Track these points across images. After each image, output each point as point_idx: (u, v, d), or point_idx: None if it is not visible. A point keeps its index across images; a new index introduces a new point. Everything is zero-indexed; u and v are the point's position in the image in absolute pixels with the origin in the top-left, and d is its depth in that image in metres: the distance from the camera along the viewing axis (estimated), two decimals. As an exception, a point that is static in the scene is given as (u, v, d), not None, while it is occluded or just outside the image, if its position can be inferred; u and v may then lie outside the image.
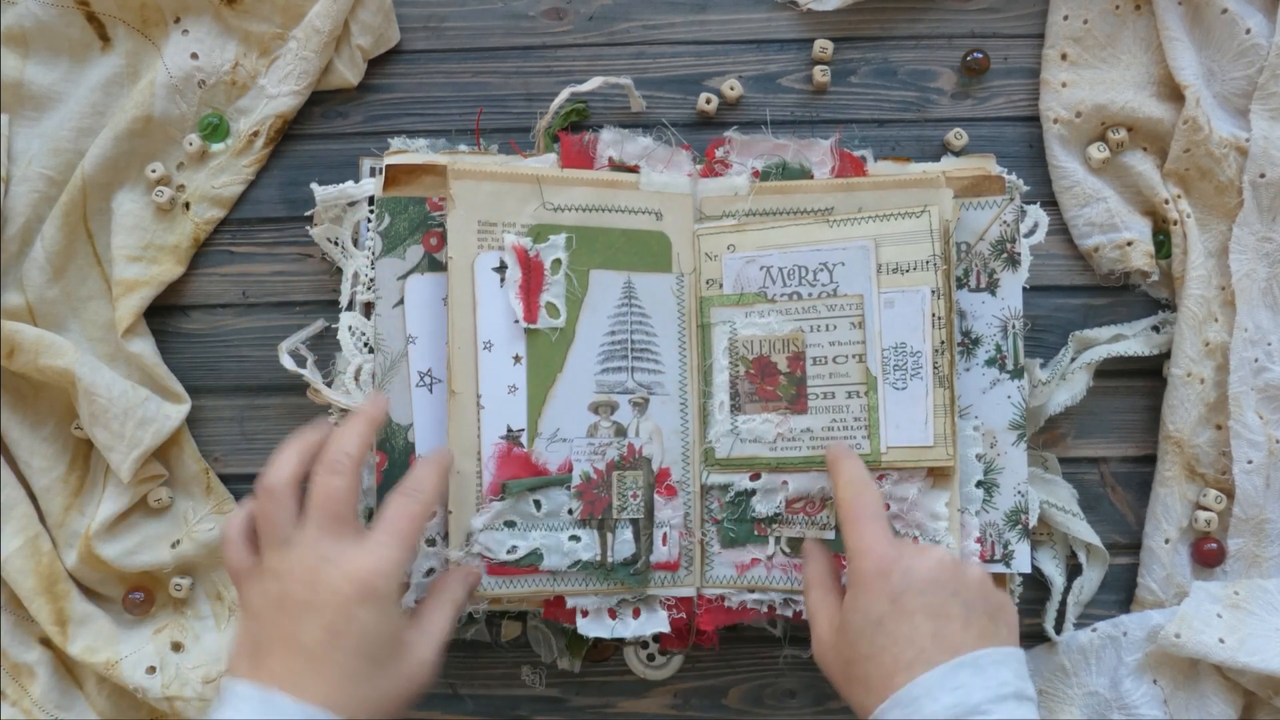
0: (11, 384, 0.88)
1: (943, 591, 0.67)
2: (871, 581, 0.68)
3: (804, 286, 0.82)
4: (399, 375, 0.82)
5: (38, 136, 0.88)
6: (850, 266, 0.81)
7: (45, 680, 0.86)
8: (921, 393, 0.79)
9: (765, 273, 0.83)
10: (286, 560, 0.67)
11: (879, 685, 0.65)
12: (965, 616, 0.67)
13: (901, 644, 0.65)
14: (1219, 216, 0.88)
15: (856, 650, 0.67)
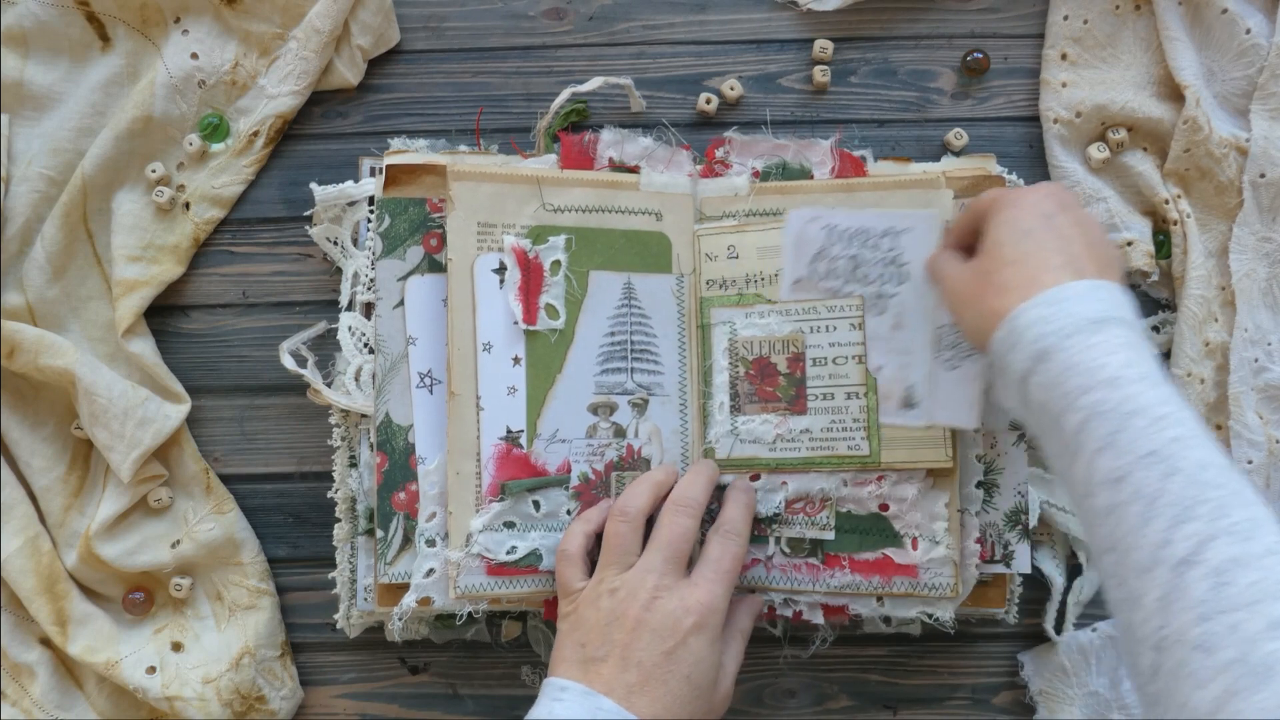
0: (11, 384, 0.88)
1: (1096, 228, 0.70)
2: (1025, 199, 0.70)
3: (867, 249, 0.80)
4: (399, 376, 0.82)
5: (38, 136, 0.88)
6: (917, 234, 0.79)
7: (45, 680, 0.86)
8: (972, 374, 0.78)
9: (827, 232, 0.81)
10: (628, 582, 0.72)
11: (1022, 285, 0.65)
12: (1109, 252, 0.69)
13: (1050, 250, 0.67)
14: (1219, 216, 0.88)
15: (999, 258, 0.68)
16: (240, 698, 0.86)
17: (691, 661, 0.69)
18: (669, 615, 0.70)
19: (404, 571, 0.82)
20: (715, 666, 0.72)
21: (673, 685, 0.69)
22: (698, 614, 0.70)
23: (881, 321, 0.80)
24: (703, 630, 0.70)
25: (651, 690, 0.68)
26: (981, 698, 0.89)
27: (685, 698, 0.69)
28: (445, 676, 0.90)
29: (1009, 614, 0.86)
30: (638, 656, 0.69)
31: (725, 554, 0.75)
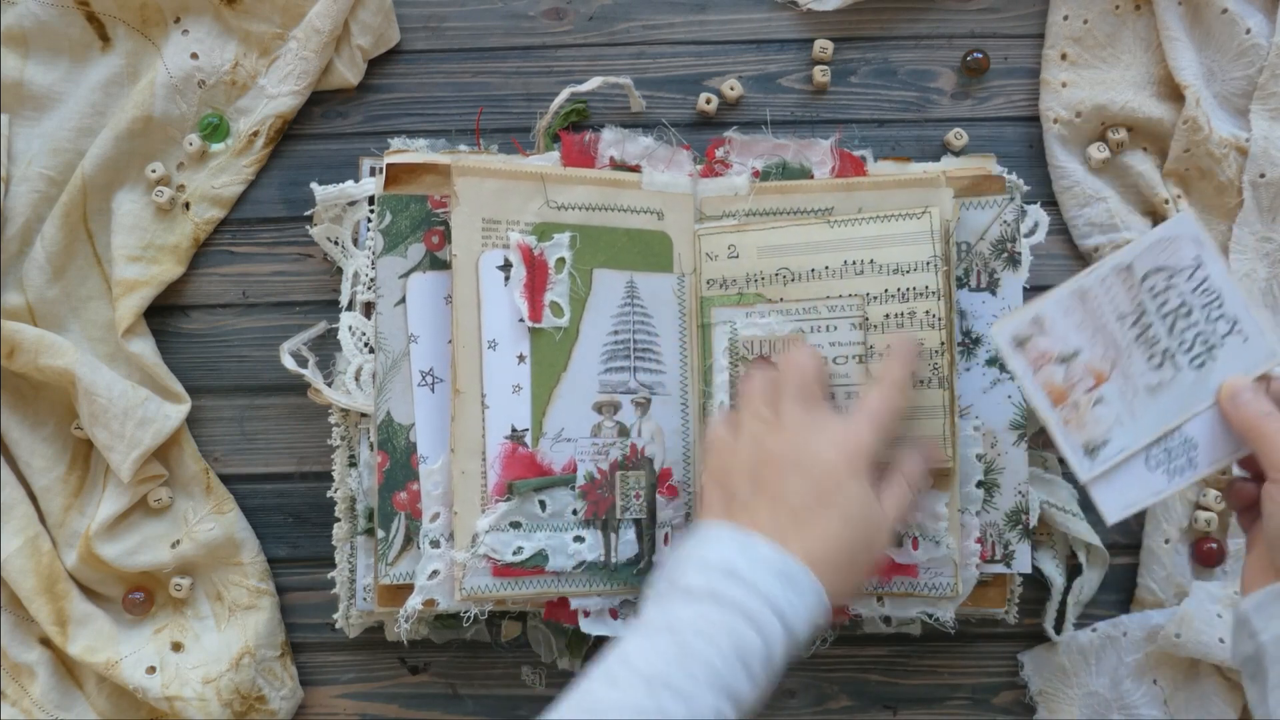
0: (11, 384, 0.88)
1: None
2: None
3: (1199, 312, 0.71)
4: (400, 375, 0.82)
5: (38, 136, 0.88)
6: (1247, 347, 0.71)
7: (45, 680, 0.86)
8: (1157, 489, 0.72)
9: (1192, 267, 0.71)
10: (770, 427, 0.71)
11: None
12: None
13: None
14: (1219, 216, 0.88)
15: None
16: (240, 698, 0.86)
17: (844, 501, 0.67)
18: (815, 454, 0.68)
19: (405, 572, 0.82)
20: (869, 506, 0.68)
21: (825, 524, 0.66)
22: (849, 454, 0.68)
23: (1146, 373, 0.72)
24: (855, 471, 0.68)
25: (804, 528, 0.66)
26: (981, 698, 0.89)
27: (841, 538, 0.66)
28: (445, 676, 0.90)
29: (1009, 614, 0.86)
30: (788, 497, 0.67)
31: (882, 404, 0.72)
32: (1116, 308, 0.71)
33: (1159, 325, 0.71)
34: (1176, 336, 0.71)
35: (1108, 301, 0.71)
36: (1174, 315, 0.71)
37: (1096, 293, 0.71)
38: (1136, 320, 0.71)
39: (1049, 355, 0.72)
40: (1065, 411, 0.72)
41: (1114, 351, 0.71)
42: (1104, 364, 0.72)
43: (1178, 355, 0.71)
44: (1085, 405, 0.72)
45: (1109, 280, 0.71)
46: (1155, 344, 0.71)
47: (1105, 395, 0.72)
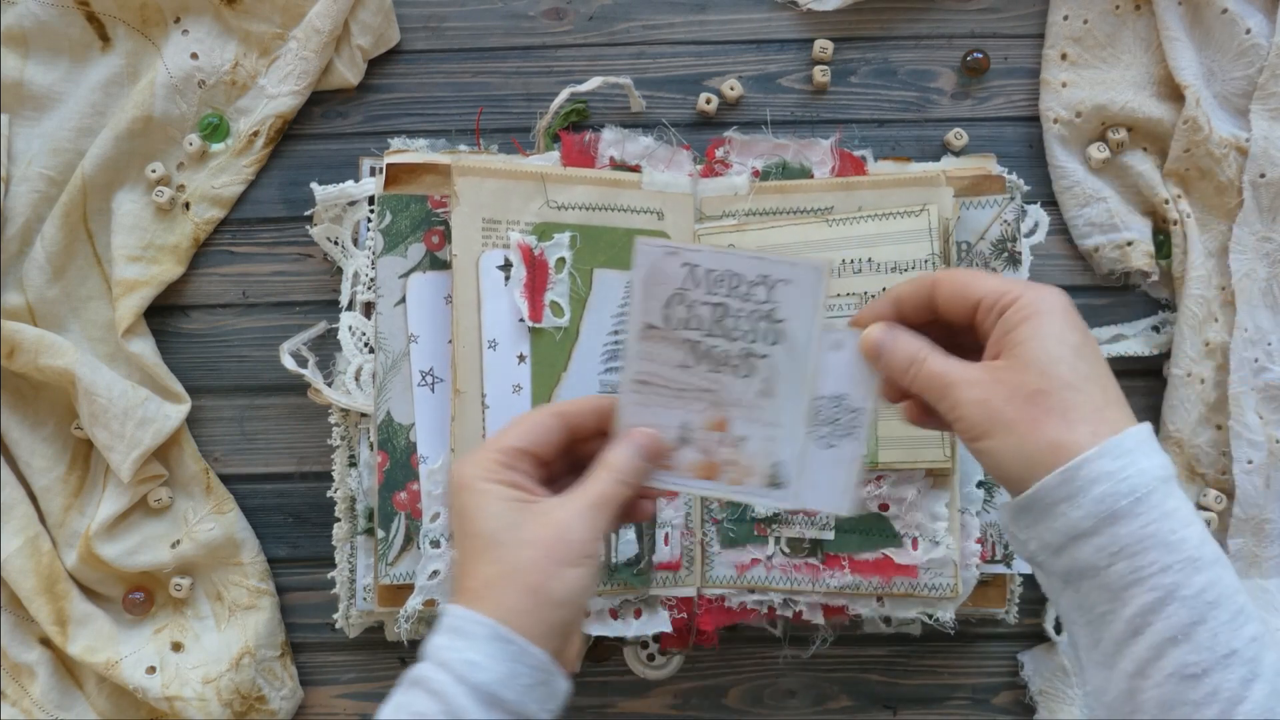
0: (11, 384, 0.88)
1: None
2: (1062, 310, 0.58)
3: (735, 298, 0.65)
4: (400, 374, 0.82)
5: (38, 136, 0.88)
6: (797, 288, 0.64)
7: (45, 680, 0.86)
8: (850, 456, 0.65)
9: (689, 271, 0.65)
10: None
11: (1090, 417, 0.56)
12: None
13: (1105, 378, 0.58)
14: (1219, 216, 0.88)
15: (1053, 377, 0.56)
16: (240, 698, 0.86)
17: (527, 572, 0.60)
18: (512, 547, 0.61)
19: (406, 572, 0.82)
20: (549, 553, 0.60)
21: (487, 571, 0.60)
22: (544, 546, 0.60)
23: (747, 385, 0.66)
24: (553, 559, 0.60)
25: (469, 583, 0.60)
26: (981, 698, 0.89)
27: (514, 574, 0.60)
28: (445, 677, 0.90)
29: (1009, 614, 0.86)
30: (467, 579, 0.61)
31: (600, 493, 0.63)
32: (671, 361, 0.65)
33: (717, 342, 0.65)
34: (737, 336, 0.65)
35: (661, 364, 0.65)
36: (716, 323, 0.65)
37: (646, 368, 0.65)
38: (699, 355, 0.65)
39: (668, 448, 0.66)
40: (728, 475, 0.66)
41: (708, 395, 0.65)
42: (713, 412, 0.66)
43: (754, 348, 0.65)
44: (734, 455, 0.66)
45: (644, 348, 0.65)
46: (729, 358, 0.65)
47: (739, 433, 0.66)
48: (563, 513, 0.61)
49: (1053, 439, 0.56)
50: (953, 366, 0.60)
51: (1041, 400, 0.57)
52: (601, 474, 0.63)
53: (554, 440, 0.64)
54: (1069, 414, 0.56)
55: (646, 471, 0.65)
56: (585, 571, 0.60)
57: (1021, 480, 0.57)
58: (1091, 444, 0.55)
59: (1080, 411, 0.56)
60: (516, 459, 0.63)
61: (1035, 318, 0.58)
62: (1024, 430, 0.57)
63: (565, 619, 0.59)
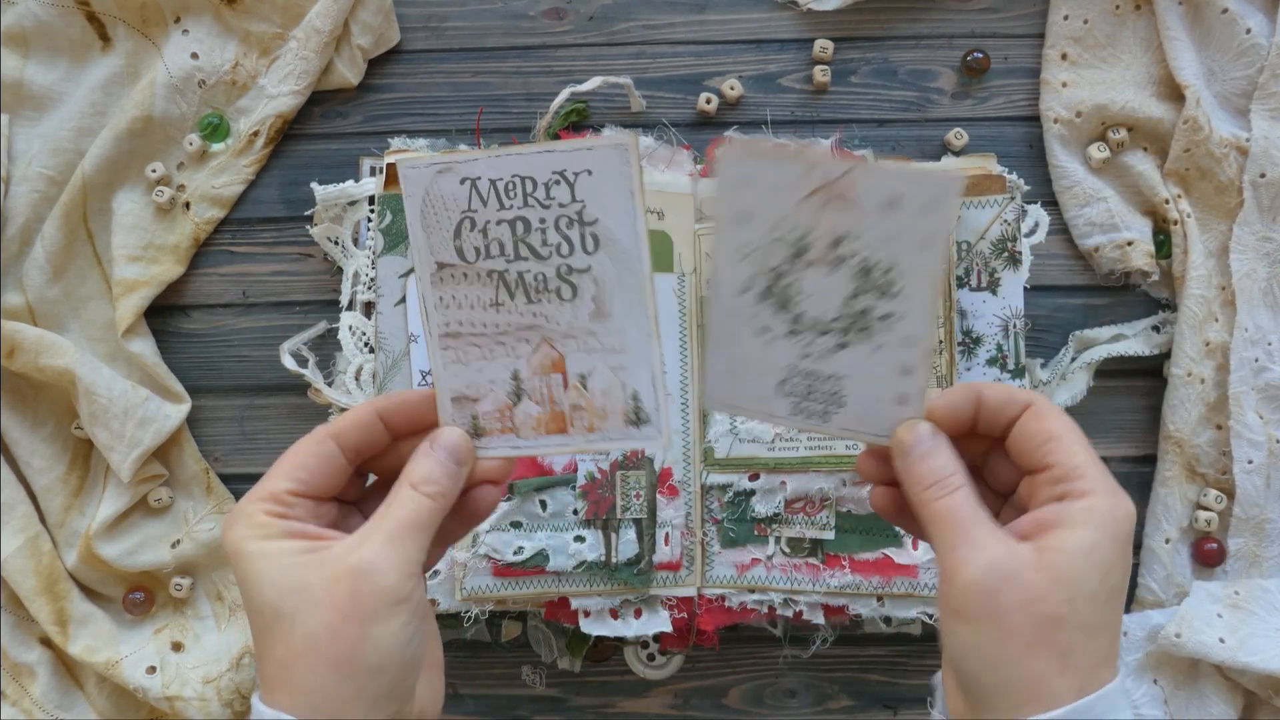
0: (11, 384, 0.88)
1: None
2: (1120, 538, 0.50)
3: (533, 207, 0.54)
4: (400, 374, 0.82)
5: (38, 136, 0.88)
6: (602, 177, 0.53)
7: (45, 680, 0.86)
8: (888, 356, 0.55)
9: (469, 188, 0.54)
10: None
11: (1089, 669, 0.49)
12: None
13: (1116, 626, 0.51)
14: (1219, 216, 0.88)
15: (1077, 612, 0.48)
16: (240, 698, 0.86)
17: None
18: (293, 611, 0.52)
19: (405, 571, 0.82)
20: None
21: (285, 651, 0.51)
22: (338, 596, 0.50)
23: (576, 309, 0.55)
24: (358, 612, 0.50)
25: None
26: (982, 697, 0.89)
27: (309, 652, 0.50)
28: (445, 676, 0.90)
29: (1009, 613, 0.85)
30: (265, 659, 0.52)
31: (404, 516, 0.52)
32: (480, 301, 0.55)
33: (526, 265, 0.55)
34: (547, 252, 0.54)
35: (468, 307, 0.55)
36: (519, 242, 0.54)
37: (451, 316, 0.56)
38: (510, 286, 0.54)
39: (503, 407, 0.56)
40: (580, 423, 0.56)
41: (532, 331, 0.55)
42: (544, 351, 0.56)
43: (571, 261, 0.54)
44: (580, 398, 0.56)
45: (442, 292, 0.55)
46: (546, 281, 0.55)
47: (579, 369, 0.55)
48: (359, 555, 0.50)
49: (1038, 675, 0.48)
50: (981, 520, 0.51)
51: (1052, 630, 0.48)
52: (402, 493, 0.52)
53: (332, 468, 0.54)
54: (1069, 657, 0.48)
55: (457, 473, 0.54)
56: (404, 621, 0.50)
57: (977, 686, 0.50)
58: (1070, 701, 0.48)
59: (1081, 660, 0.48)
60: (288, 504, 0.52)
61: (1098, 538, 0.49)
62: (1017, 647, 0.48)
63: (391, 682, 0.50)
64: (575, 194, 0.53)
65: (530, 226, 0.54)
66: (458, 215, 0.54)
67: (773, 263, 0.54)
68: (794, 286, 0.54)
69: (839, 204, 0.52)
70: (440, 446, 0.54)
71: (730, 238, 0.54)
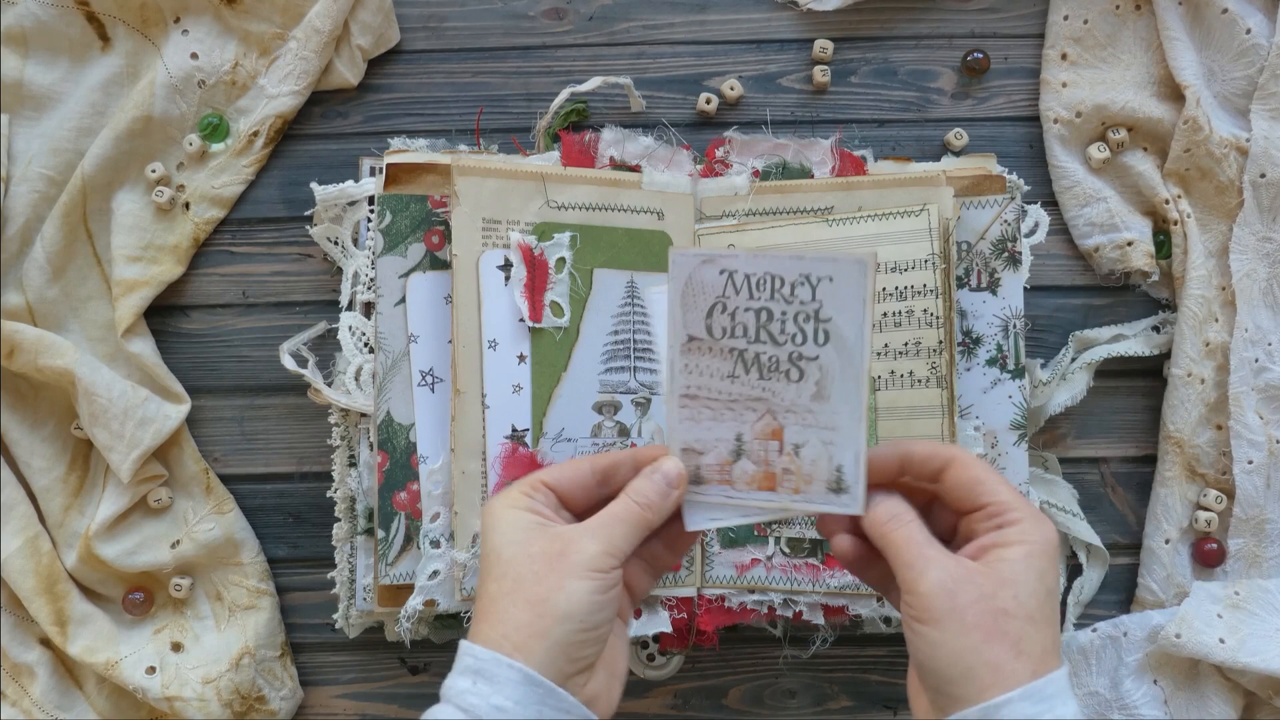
0: (11, 384, 0.88)
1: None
2: (1050, 552, 0.60)
3: (778, 301, 0.63)
4: (400, 374, 0.82)
5: (38, 136, 0.88)
6: (841, 285, 0.62)
7: (45, 680, 0.86)
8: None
9: (727, 279, 0.63)
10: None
11: (1039, 655, 0.57)
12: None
13: (1056, 625, 0.59)
14: (1219, 216, 0.88)
15: (1021, 605, 0.57)
16: (240, 698, 0.86)
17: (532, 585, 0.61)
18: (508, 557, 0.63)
19: (406, 572, 0.82)
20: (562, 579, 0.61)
21: (509, 608, 0.61)
22: (547, 556, 0.62)
23: (799, 390, 0.63)
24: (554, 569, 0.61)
25: (493, 619, 0.61)
26: (982, 698, 0.89)
27: (528, 609, 0.60)
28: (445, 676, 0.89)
29: (1009, 614, 0.85)
30: (482, 597, 0.63)
31: (618, 514, 0.64)
32: (719, 373, 0.64)
33: (763, 348, 0.63)
34: (784, 340, 0.63)
35: (708, 376, 0.64)
36: (760, 328, 0.63)
37: (693, 381, 0.64)
38: (746, 363, 0.64)
39: (724, 463, 0.65)
40: (787, 484, 0.64)
41: (760, 403, 0.64)
42: (767, 420, 0.64)
43: (802, 350, 0.63)
44: (792, 464, 0.64)
45: (688, 361, 0.64)
46: (778, 364, 0.63)
47: (795, 440, 0.64)
48: (573, 530, 0.62)
49: (996, 661, 0.56)
50: (933, 544, 0.60)
51: (1004, 621, 0.57)
52: (619, 499, 0.64)
53: (584, 482, 0.65)
54: (1021, 644, 0.57)
55: (667, 493, 0.64)
56: (592, 585, 0.60)
57: (944, 679, 0.57)
58: (1026, 682, 0.56)
59: (1031, 647, 0.57)
60: (540, 490, 0.64)
61: (1032, 549, 0.59)
62: (975, 638, 0.57)
63: (570, 636, 0.59)
64: (816, 295, 0.62)
65: (772, 316, 0.63)
66: (712, 299, 0.63)
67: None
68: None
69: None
70: (659, 471, 0.64)
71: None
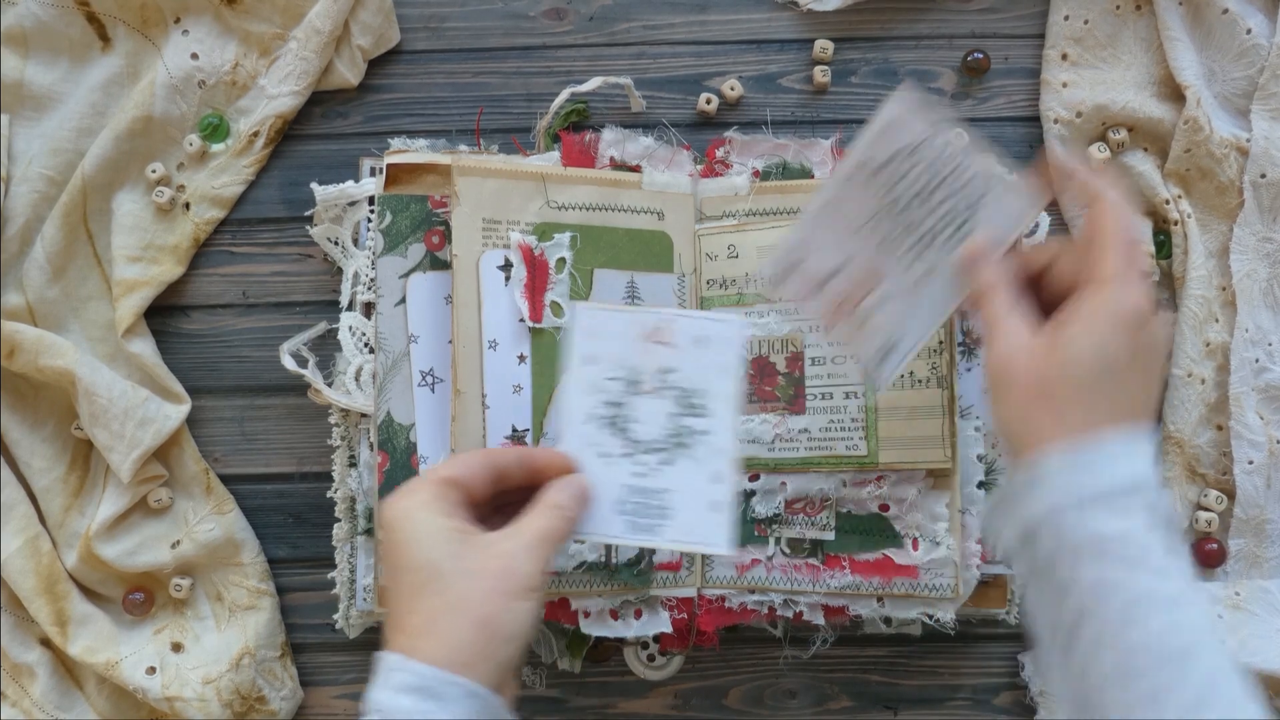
0: (11, 384, 0.88)
1: (1161, 358, 0.65)
2: (1127, 319, 0.61)
3: (951, 180, 0.70)
4: (400, 375, 0.82)
5: (38, 136, 0.88)
6: (1003, 206, 0.70)
7: (45, 680, 0.86)
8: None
9: (928, 136, 0.70)
10: None
11: (1077, 423, 0.60)
12: (1156, 386, 0.64)
13: (1120, 392, 0.61)
14: (1219, 217, 0.88)
15: (1069, 377, 0.61)
16: (240, 698, 0.86)
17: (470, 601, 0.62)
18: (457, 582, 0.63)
19: (405, 571, 0.82)
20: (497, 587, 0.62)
21: (450, 624, 0.61)
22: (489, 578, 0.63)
23: (911, 271, 0.71)
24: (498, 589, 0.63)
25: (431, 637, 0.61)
26: (982, 698, 0.89)
27: (471, 621, 0.61)
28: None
29: (1010, 614, 0.86)
30: (409, 616, 0.62)
31: (543, 529, 0.65)
32: (866, 209, 0.70)
33: (917, 209, 0.70)
34: (934, 214, 0.70)
35: (858, 205, 0.70)
36: (926, 193, 0.70)
37: (845, 199, 0.71)
38: (893, 213, 0.70)
39: (819, 276, 0.72)
40: (849, 323, 0.72)
41: (881, 253, 0.71)
42: (874, 268, 0.71)
43: (939, 234, 0.70)
44: (867, 314, 0.72)
45: (853, 182, 0.70)
46: (915, 229, 0.70)
47: (884, 297, 0.71)
48: (508, 545, 0.62)
49: (1039, 426, 0.61)
50: (1008, 314, 0.65)
51: (1048, 389, 0.61)
52: (543, 510, 0.65)
53: (484, 478, 0.66)
54: (1063, 414, 0.60)
55: (583, 508, 0.68)
56: (532, 606, 0.61)
57: (1001, 435, 0.65)
58: (1065, 447, 0.59)
59: (1072, 419, 0.60)
60: (449, 489, 0.64)
61: (1095, 313, 0.62)
62: (1022, 406, 0.62)
63: (512, 655, 0.60)
64: (981, 203, 0.70)
65: (936, 194, 0.70)
66: (905, 142, 0.70)
67: (613, 395, 0.71)
68: (629, 414, 0.71)
69: (663, 345, 0.71)
70: (574, 485, 0.68)
71: (580, 376, 0.71)
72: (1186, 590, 0.57)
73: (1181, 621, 0.55)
